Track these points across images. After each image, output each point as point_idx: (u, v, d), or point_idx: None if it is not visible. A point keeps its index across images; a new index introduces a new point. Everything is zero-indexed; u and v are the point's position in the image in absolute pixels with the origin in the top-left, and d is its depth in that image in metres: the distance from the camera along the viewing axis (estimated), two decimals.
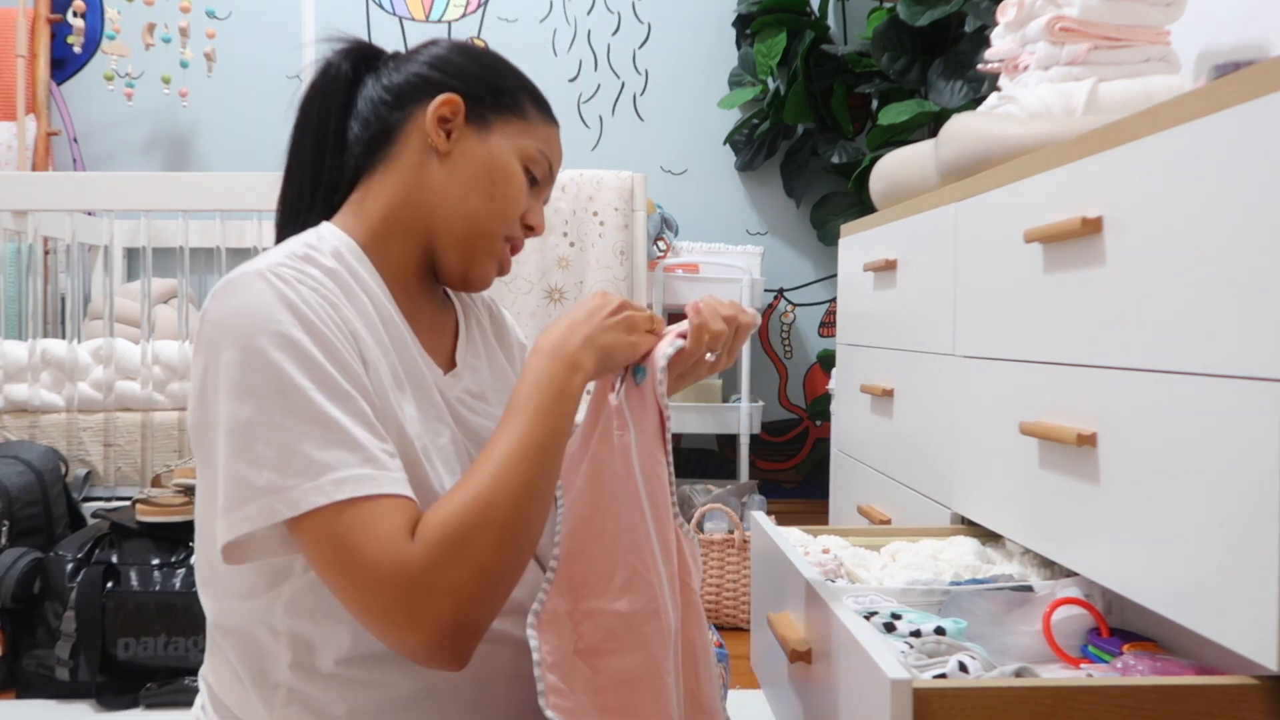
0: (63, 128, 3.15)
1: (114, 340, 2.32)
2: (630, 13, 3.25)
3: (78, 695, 1.82)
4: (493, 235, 0.94)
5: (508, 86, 0.96)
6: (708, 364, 0.95)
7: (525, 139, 0.95)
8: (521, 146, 0.95)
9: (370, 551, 0.72)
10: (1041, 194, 1.18)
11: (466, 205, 0.92)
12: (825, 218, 3.09)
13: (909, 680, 0.75)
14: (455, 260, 0.94)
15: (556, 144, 1.00)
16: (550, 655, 0.86)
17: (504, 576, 0.77)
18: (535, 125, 0.96)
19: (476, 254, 0.94)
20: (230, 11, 3.19)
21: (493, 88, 0.95)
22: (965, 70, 2.56)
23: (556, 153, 0.99)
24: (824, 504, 2.34)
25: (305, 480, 0.73)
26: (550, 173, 0.99)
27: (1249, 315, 0.79)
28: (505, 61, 0.99)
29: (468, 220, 0.92)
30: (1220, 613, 0.81)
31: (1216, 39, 1.60)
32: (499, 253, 0.96)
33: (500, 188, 0.93)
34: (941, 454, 1.50)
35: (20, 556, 1.87)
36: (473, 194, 0.92)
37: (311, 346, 0.77)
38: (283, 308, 0.77)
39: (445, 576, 0.73)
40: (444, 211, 0.92)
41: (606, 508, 0.88)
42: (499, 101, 0.95)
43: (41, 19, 3.06)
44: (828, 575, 1.20)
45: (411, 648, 0.74)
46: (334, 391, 0.76)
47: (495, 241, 0.95)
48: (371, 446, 0.76)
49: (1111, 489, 0.99)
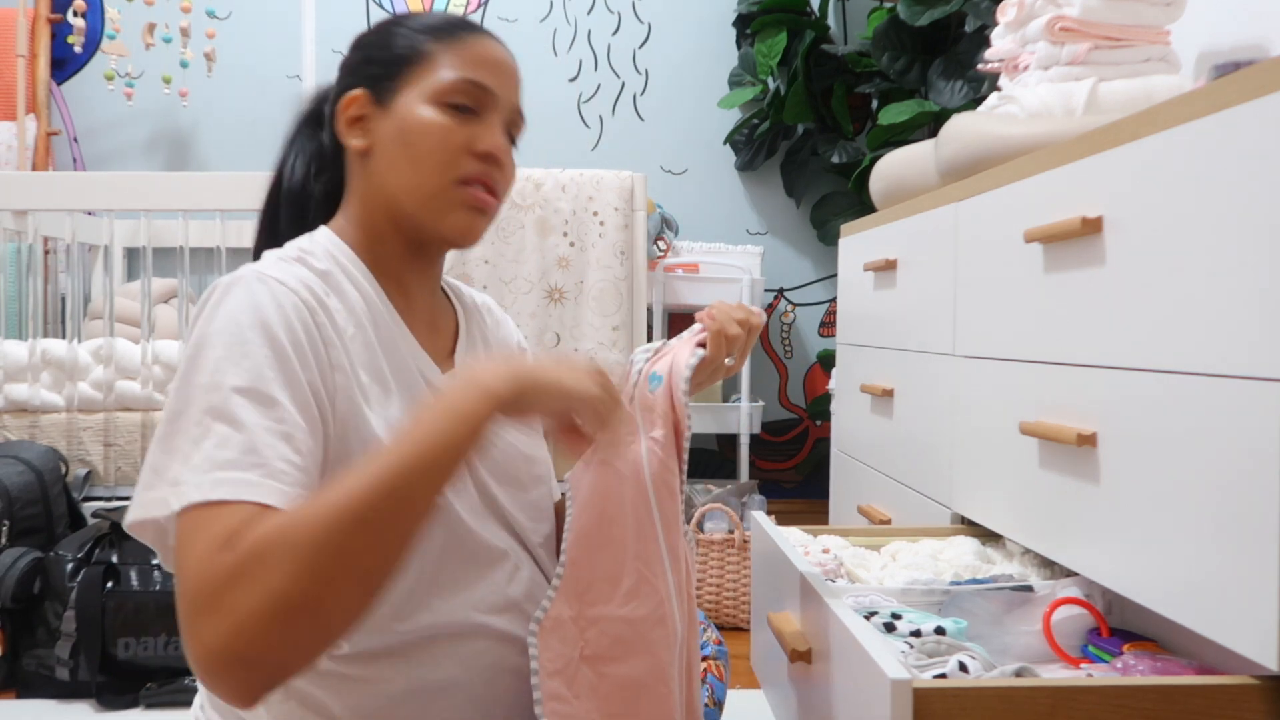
0: (63, 127, 3.15)
1: (114, 340, 2.32)
2: (630, 13, 3.25)
3: (78, 695, 1.82)
4: (440, 189, 0.90)
5: (399, 45, 0.93)
6: (724, 368, 0.95)
7: (431, 78, 0.90)
8: (429, 89, 0.90)
9: (190, 556, 0.68)
10: (1041, 194, 1.18)
11: (401, 180, 0.91)
12: (825, 218, 3.09)
13: (909, 680, 0.75)
14: (429, 228, 0.92)
15: (481, 56, 0.92)
16: (552, 662, 0.86)
17: (305, 609, 0.65)
18: (442, 57, 0.91)
19: (439, 213, 0.91)
20: (230, 11, 3.19)
21: (384, 60, 0.93)
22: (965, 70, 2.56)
23: (485, 64, 0.92)
24: (824, 504, 2.34)
25: (198, 475, 0.71)
26: (482, 89, 0.92)
27: (1249, 315, 0.79)
28: (396, 21, 0.96)
29: (409, 192, 0.91)
30: (1220, 613, 0.81)
31: (1216, 39, 1.60)
32: (463, 198, 0.91)
33: (417, 144, 0.90)
34: (941, 454, 1.50)
35: (20, 556, 1.87)
36: (400, 167, 0.90)
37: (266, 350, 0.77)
38: (256, 312, 0.78)
39: (230, 596, 0.65)
40: (392, 197, 0.91)
41: (614, 514, 0.88)
42: (394, 67, 0.92)
43: (42, 19, 3.06)
44: (828, 575, 1.20)
45: (193, 668, 0.67)
46: (260, 397, 0.75)
47: (448, 192, 0.90)
48: (266, 456, 0.72)
49: (1111, 489, 0.99)
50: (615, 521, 0.88)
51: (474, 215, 0.92)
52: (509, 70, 0.95)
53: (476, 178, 0.91)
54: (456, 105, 0.90)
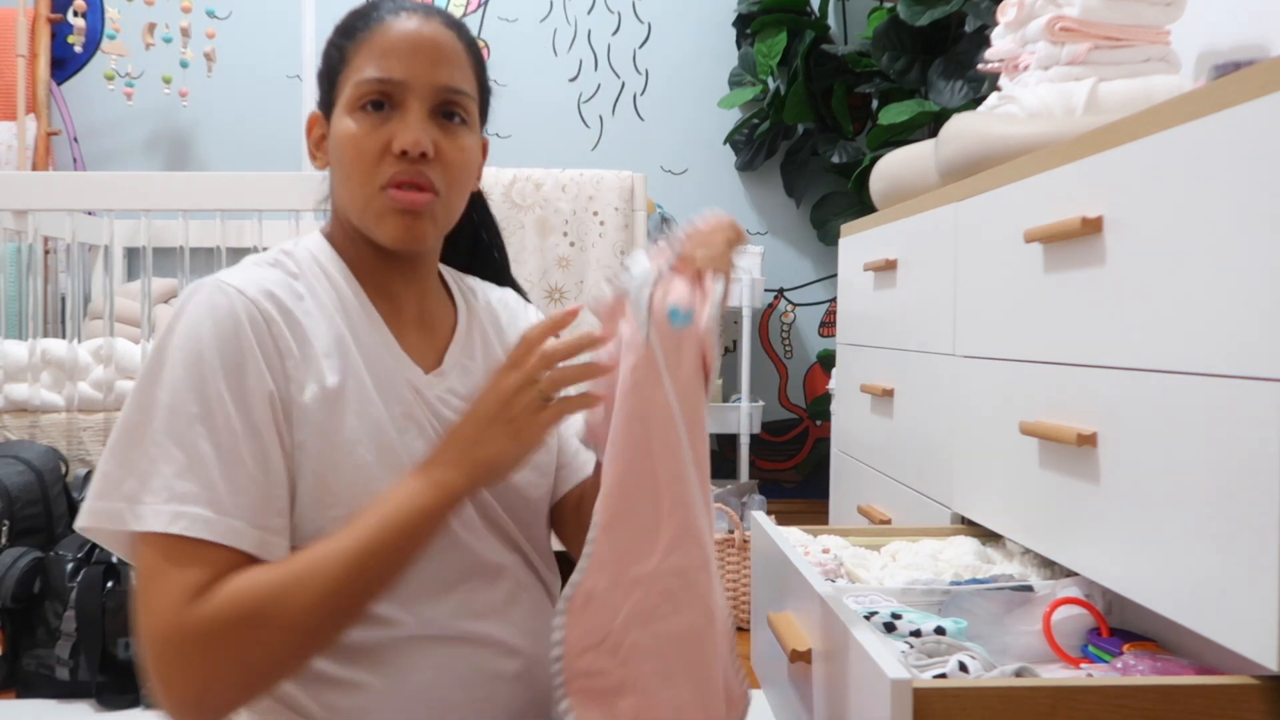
0: (63, 127, 3.15)
1: (114, 340, 2.32)
2: (630, 13, 3.25)
3: (78, 695, 1.82)
4: (368, 199, 0.88)
5: (329, 58, 0.92)
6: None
7: (348, 84, 0.88)
8: (349, 97, 0.88)
9: (159, 599, 0.75)
10: (1041, 194, 1.18)
11: (343, 195, 0.91)
12: (825, 217, 3.09)
13: (909, 680, 0.75)
14: (373, 236, 0.90)
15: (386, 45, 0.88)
16: (584, 639, 0.83)
17: (266, 674, 0.77)
18: (354, 58, 0.89)
19: (374, 222, 0.89)
20: (230, 11, 3.19)
21: (323, 76, 0.93)
22: (965, 70, 2.56)
23: (391, 52, 0.87)
24: (824, 504, 2.34)
25: (157, 502, 0.76)
26: (388, 82, 0.87)
27: (1249, 315, 0.79)
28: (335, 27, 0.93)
29: (349, 206, 0.90)
30: (1220, 612, 0.81)
31: (1216, 39, 1.60)
32: (387, 204, 0.87)
33: (345, 156, 0.88)
34: (941, 454, 1.50)
35: (20, 556, 1.87)
36: (340, 182, 0.91)
37: (220, 374, 0.79)
38: (212, 327, 0.80)
39: (204, 657, 0.74)
40: (343, 208, 0.92)
41: (643, 465, 0.83)
42: (328, 82, 0.92)
43: (42, 18, 3.06)
44: (828, 575, 1.20)
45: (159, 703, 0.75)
46: (216, 426, 0.78)
47: (375, 200, 0.88)
48: (223, 492, 0.77)
49: (1111, 489, 0.99)
50: (645, 472, 0.83)
51: (404, 218, 0.88)
52: (425, 46, 0.88)
53: (399, 180, 0.87)
54: (371, 105, 0.87)
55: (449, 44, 0.90)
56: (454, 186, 0.90)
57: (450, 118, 0.90)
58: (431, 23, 0.89)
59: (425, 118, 0.88)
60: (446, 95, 0.89)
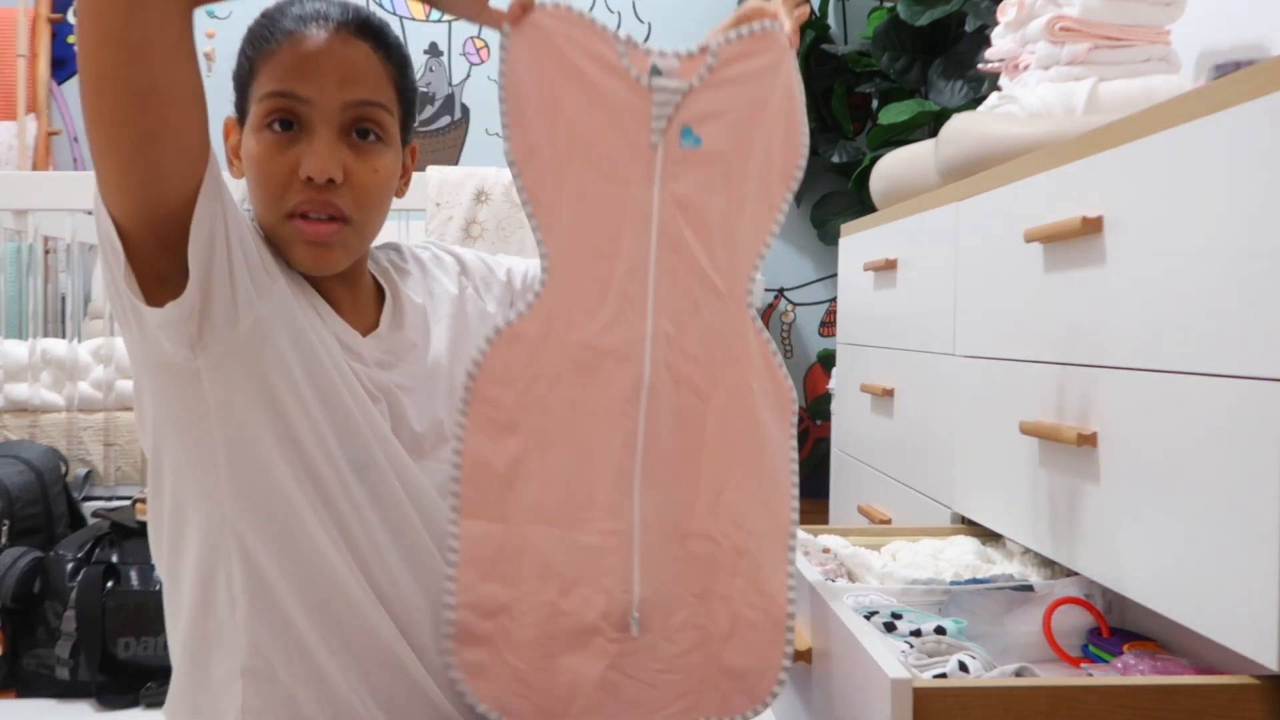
0: (63, 127, 3.14)
1: (114, 339, 2.32)
2: (630, 12, 3.25)
3: (78, 695, 1.82)
4: (275, 224, 0.86)
5: (240, 64, 0.88)
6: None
7: (257, 100, 0.85)
8: (256, 115, 0.85)
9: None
10: (1041, 194, 1.18)
11: (256, 213, 0.88)
12: (825, 217, 3.09)
13: (909, 680, 0.75)
14: (286, 258, 0.88)
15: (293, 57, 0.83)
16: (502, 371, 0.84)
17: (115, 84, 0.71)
18: (261, 70, 0.85)
19: (284, 247, 0.87)
20: (230, 11, 3.18)
21: (237, 81, 0.89)
22: (965, 70, 2.56)
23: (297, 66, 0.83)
24: (824, 503, 2.34)
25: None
26: (294, 99, 0.83)
27: (1249, 315, 0.79)
28: (247, 31, 0.89)
29: (262, 225, 0.88)
30: (1220, 612, 0.81)
31: (1216, 39, 1.60)
32: (293, 233, 0.85)
33: (251, 178, 0.86)
34: (941, 454, 1.50)
35: (20, 556, 1.87)
36: (253, 200, 0.87)
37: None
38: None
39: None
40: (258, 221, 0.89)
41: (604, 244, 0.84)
42: (240, 88, 0.88)
43: (42, 18, 3.06)
44: (828, 575, 1.20)
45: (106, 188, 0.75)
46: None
47: (282, 227, 0.85)
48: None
49: (1111, 489, 0.99)
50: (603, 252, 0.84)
51: (312, 248, 0.85)
52: (335, 62, 0.83)
53: (305, 208, 0.84)
54: (279, 124, 0.84)
55: (359, 56, 0.85)
56: (366, 210, 0.87)
57: (364, 136, 0.86)
58: (341, 33, 0.84)
59: (334, 140, 0.84)
60: (357, 112, 0.85)
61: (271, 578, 0.83)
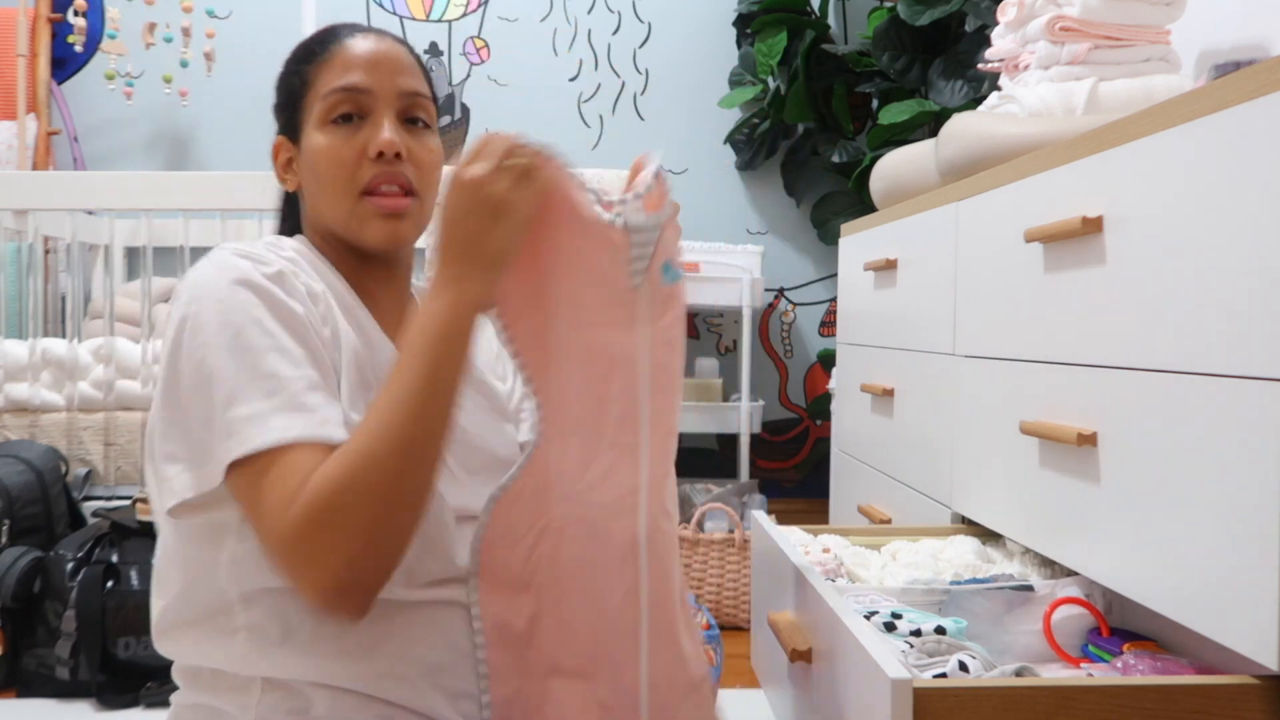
0: (63, 127, 3.14)
1: (114, 339, 2.32)
2: (630, 12, 3.24)
3: (78, 694, 1.82)
4: (350, 207, 0.92)
5: (289, 84, 0.97)
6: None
7: (314, 102, 0.93)
8: (318, 114, 0.93)
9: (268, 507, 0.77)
10: (1041, 194, 1.18)
11: (322, 208, 0.95)
12: (825, 217, 3.09)
13: (909, 680, 0.75)
14: (358, 244, 0.94)
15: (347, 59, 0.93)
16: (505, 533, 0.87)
17: (386, 531, 0.78)
18: (318, 78, 0.94)
19: (358, 229, 0.93)
20: (230, 11, 3.19)
21: (285, 102, 0.98)
22: (965, 70, 2.56)
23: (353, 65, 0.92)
24: (824, 503, 2.34)
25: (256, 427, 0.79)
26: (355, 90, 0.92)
27: (1249, 315, 0.79)
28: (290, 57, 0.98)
29: (330, 217, 0.94)
30: (1220, 612, 0.81)
31: (1216, 39, 1.60)
32: (370, 209, 0.92)
33: (320, 170, 0.93)
34: (942, 453, 1.50)
35: (20, 556, 1.87)
36: (318, 197, 0.95)
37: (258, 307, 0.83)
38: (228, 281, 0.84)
39: (318, 541, 0.75)
40: (324, 225, 0.96)
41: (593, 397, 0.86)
42: (292, 105, 0.97)
43: (42, 18, 3.06)
44: (828, 575, 1.20)
45: (309, 600, 0.79)
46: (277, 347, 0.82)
47: (357, 207, 0.92)
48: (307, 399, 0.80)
49: (1112, 489, 0.99)
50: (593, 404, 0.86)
51: (388, 221, 0.92)
52: (384, 58, 0.94)
53: (378, 182, 0.92)
54: (341, 118, 0.92)
55: (404, 55, 0.96)
56: (428, 187, 0.95)
57: (414, 122, 0.95)
58: (385, 39, 0.96)
59: (395, 122, 0.93)
60: (410, 100, 0.94)
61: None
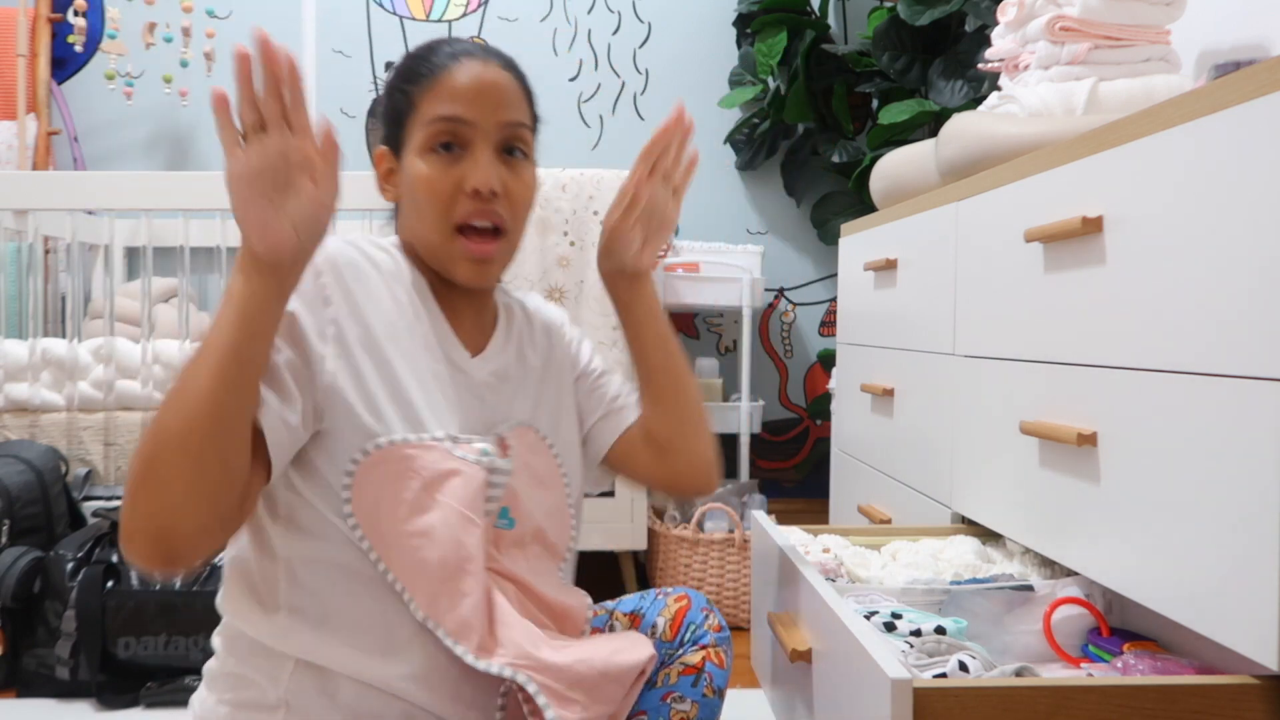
0: (63, 127, 3.14)
1: (114, 339, 2.32)
2: (630, 12, 3.24)
3: (78, 694, 1.82)
4: (442, 241, 0.95)
5: (394, 101, 0.98)
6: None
7: (418, 126, 0.95)
8: (419, 140, 0.95)
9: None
10: (1041, 194, 1.18)
11: (415, 232, 0.98)
12: (825, 217, 3.09)
13: (909, 680, 0.75)
14: (444, 274, 0.98)
15: (454, 88, 0.94)
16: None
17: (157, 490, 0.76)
18: (422, 103, 0.95)
19: (447, 264, 0.97)
20: (230, 11, 3.19)
21: (389, 117, 0.99)
22: (966, 70, 2.56)
23: (459, 95, 0.94)
24: (824, 503, 2.34)
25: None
26: (458, 122, 0.94)
27: (1249, 315, 0.79)
28: (392, 72, 1.00)
29: (422, 245, 0.98)
30: (1220, 612, 0.81)
31: (1216, 39, 1.60)
32: (461, 251, 0.95)
33: (417, 198, 0.95)
34: (942, 453, 1.50)
35: (20, 556, 1.87)
36: (413, 220, 0.97)
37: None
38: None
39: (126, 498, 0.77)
40: (415, 241, 0.99)
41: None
42: (398, 122, 0.98)
43: (42, 18, 3.06)
44: (828, 575, 1.20)
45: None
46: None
47: (449, 244, 0.95)
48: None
49: (1112, 489, 0.99)
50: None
51: (475, 264, 0.96)
52: (489, 88, 0.95)
53: (471, 218, 0.94)
54: (441, 147, 0.94)
55: (508, 84, 0.97)
56: (519, 220, 0.98)
57: (512, 153, 0.97)
58: (490, 65, 0.96)
59: (493, 157, 0.95)
60: (510, 131, 0.96)
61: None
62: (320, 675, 0.88)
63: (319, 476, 0.88)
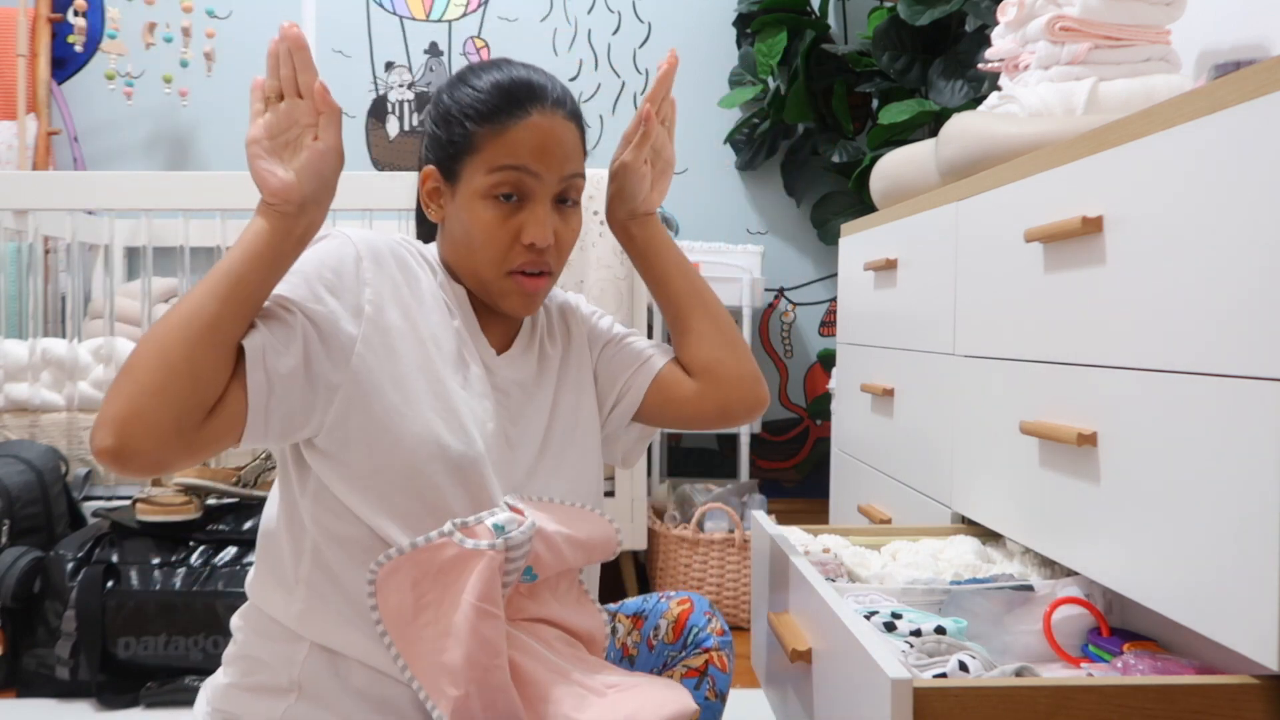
0: (63, 127, 3.14)
1: (114, 339, 2.32)
2: (630, 12, 3.24)
3: (78, 694, 1.82)
4: (492, 278, 0.99)
5: (457, 132, 0.99)
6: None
7: (481, 171, 0.97)
8: (481, 184, 0.97)
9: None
10: (1041, 193, 1.18)
11: (462, 262, 1.01)
12: (825, 217, 3.09)
13: (909, 680, 0.75)
14: (490, 303, 1.01)
15: (524, 140, 0.96)
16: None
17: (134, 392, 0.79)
18: (489, 147, 0.96)
19: (495, 296, 1.00)
20: (230, 11, 3.19)
21: (447, 141, 1.00)
22: (966, 70, 2.56)
23: (529, 147, 0.96)
24: (824, 503, 2.34)
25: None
26: (525, 174, 0.97)
27: (1249, 315, 0.79)
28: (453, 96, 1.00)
29: (468, 275, 1.01)
30: (1220, 612, 0.81)
31: (1216, 39, 1.60)
32: (512, 287, 0.99)
33: (472, 237, 0.98)
34: (942, 453, 1.50)
35: (21, 556, 1.87)
36: (462, 251, 1.00)
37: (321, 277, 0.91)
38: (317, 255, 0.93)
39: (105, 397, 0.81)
40: (459, 268, 1.02)
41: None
42: (455, 151, 0.99)
43: (42, 18, 3.06)
44: (828, 575, 1.20)
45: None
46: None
47: (498, 283, 0.99)
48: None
49: (1112, 489, 0.99)
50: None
51: (525, 298, 1.00)
52: (555, 145, 0.98)
53: (525, 267, 0.98)
54: (503, 196, 0.97)
55: (572, 137, 1.00)
56: (563, 261, 1.03)
57: (565, 201, 1.01)
58: (557, 118, 0.98)
59: (550, 209, 0.99)
60: (568, 184, 1.00)
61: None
62: (333, 660, 0.90)
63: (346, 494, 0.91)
